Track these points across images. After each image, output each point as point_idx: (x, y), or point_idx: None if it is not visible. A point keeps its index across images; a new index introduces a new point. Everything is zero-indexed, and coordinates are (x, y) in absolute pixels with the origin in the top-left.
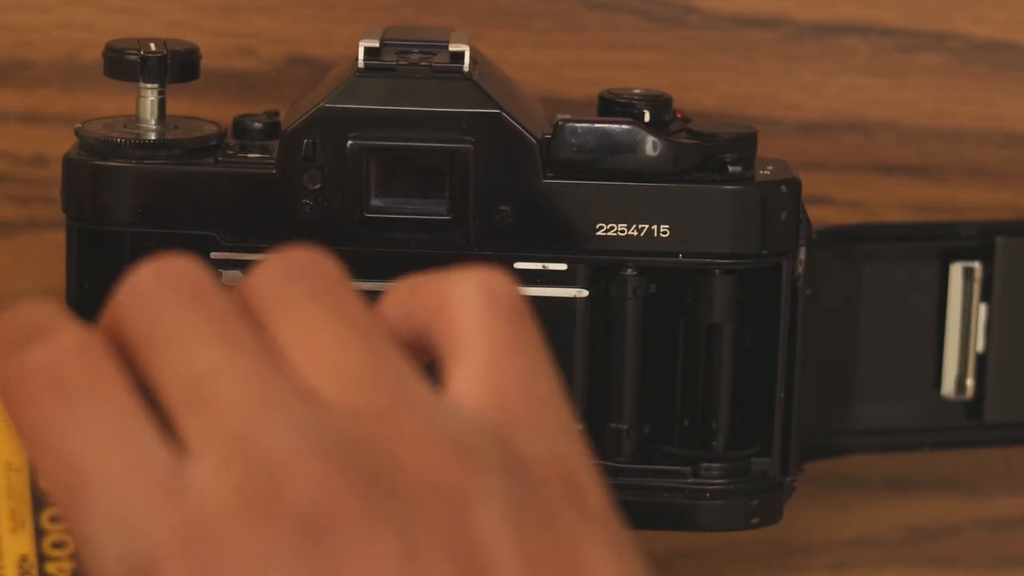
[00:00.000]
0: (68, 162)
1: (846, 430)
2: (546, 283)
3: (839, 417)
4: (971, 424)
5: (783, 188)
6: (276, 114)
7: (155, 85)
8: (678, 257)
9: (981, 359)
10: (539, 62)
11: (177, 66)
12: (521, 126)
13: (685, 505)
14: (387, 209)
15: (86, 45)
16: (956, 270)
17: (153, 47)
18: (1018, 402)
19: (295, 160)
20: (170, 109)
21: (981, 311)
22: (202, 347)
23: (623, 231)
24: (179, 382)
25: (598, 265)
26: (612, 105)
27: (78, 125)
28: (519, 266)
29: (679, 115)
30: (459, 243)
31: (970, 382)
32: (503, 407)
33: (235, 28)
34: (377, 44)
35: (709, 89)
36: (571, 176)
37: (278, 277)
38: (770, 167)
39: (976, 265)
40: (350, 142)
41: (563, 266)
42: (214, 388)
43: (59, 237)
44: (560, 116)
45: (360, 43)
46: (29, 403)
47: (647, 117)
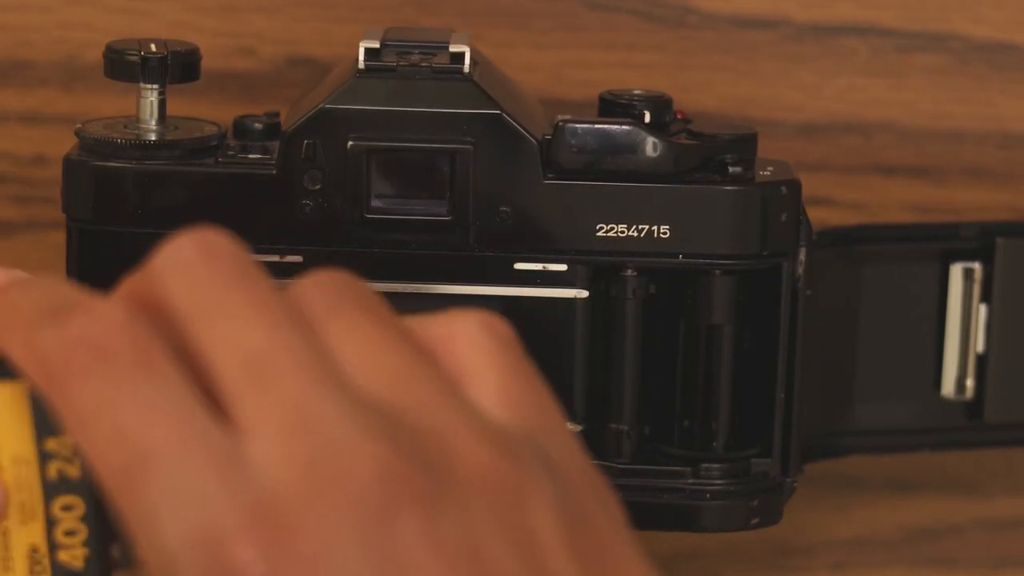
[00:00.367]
0: (68, 163)
1: (846, 431)
2: (546, 284)
3: (839, 418)
4: (971, 425)
5: (783, 189)
6: (276, 115)
7: (155, 86)
8: (678, 258)
9: (981, 360)
10: (539, 62)
11: (177, 67)
12: (521, 127)
13: (685, 506)
14: (387, 210)
15: (86, 45)
16: (956, 271)
17: (153, 48)
18: (1018, 403)
19: (295, 161)
20: (170, 109)
21: (981, 312)
22: (255, 325)
23: (623, 232)
24: (234, 358)
25: (598, 266)
26: (612, 106)
27: (78, 125)
28: (519, 267)
29: (679, 116)
30: (459, 244)
31: (970, 383)
32: (523, 421)
33: (235, 28)
34: (377, 45)
35: (709, 90)
36: (571, 177)
37: (328, 285)
38: (770, 168)
39: (976, 266)
40: (350, 143)
41: (563, 267)
42: (273, 365)
43: (59, 237)
44: (560, 117)
45: (360, 44)
46: (74, 378)
47: (647, 118)
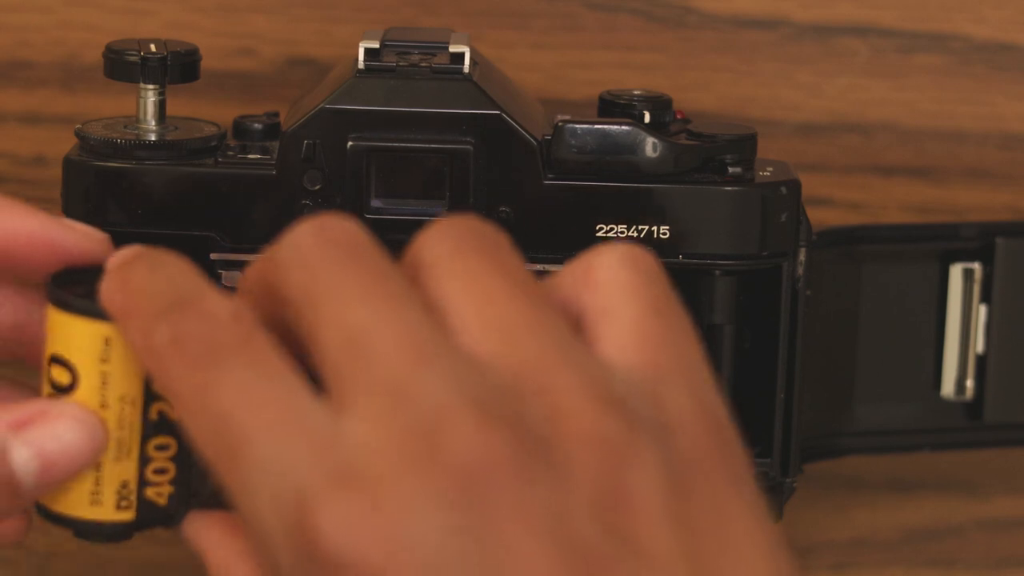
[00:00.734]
0: (68, 163)
1: (846, 431)
2: None
3: (839, 418)
4: (971, 425)
5: (783, 189)
6: (276, 115)
7: (155, 86)
8: (678, 258)
9: (981, 360)
10: (539, 62)
11: (177, 67)
12: (521, 127)
13: None
14: (387, 210)
15: (86, 45)
16: (956, 271)
17: (153, 48)
18: (1018, 403)
19: (295, 161)
20: (170, 110)
21: (981, 312)
22: (360, 302)
23: (623, 232)
24: (337, 337)
25: None
26: (612, 106)
27: (78, 126)
28: None
29: (679, 116)
30: None
31: (970, 383)
32: (653, 364)
33: (235, 28)
34: (377, 45)
35: (709, 90)
36: (571, 177)
37: (449, 234)
38: (770, 168)
39: (976, 266)
40: (350, 143)
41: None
42: (372, 342)
43: None
44: (560, 117)
45: (360, 44)
46: (181, 369)
47: (647, 118)
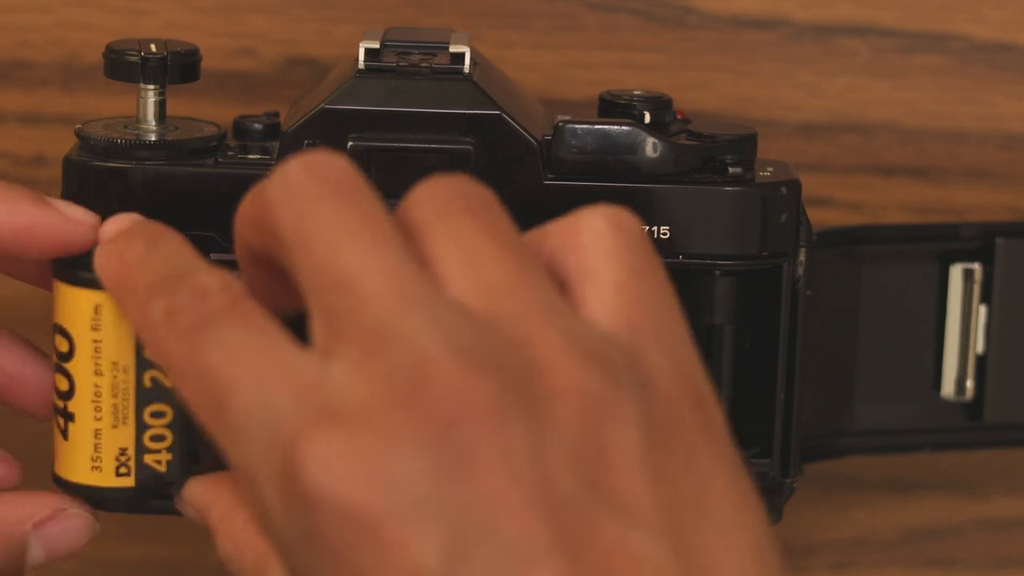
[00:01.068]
0: (68, 163)
1: (846, 431)
2: None
3: (839, 418)
4: (971, 425)
5: (783, 189)
6: (276, 115)
7: (155, 86)
8: (678, 258)
9: (981, 360)
10: (539, 62)
11: (177, 67)
12: (521, 127)
13: None
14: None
15: (86, 45)
16: (956, 271)
17: (153, 48)
18: (1018, 403)
19: None
20: (170, 110)
21: (981, 312)
22: (348, 245)
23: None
24: (325, 279)
25: None
26: (612, 106)
27: (78, 126)
28: None
29: (679, 116)
30: None
31: (970, 383)
32: (632, 325)
33: (235, 28)
34: (377, 45)
35: (709, 90)
36: (571, 177)
37: (440, 193)
38: (770, 168)
39: (976, 267)
40: (350, 143)
41: None
42: (359, 286)
43: None
44: (560, 117)
45: (360, 44)
46: (174, 341)
47: (647, 118)
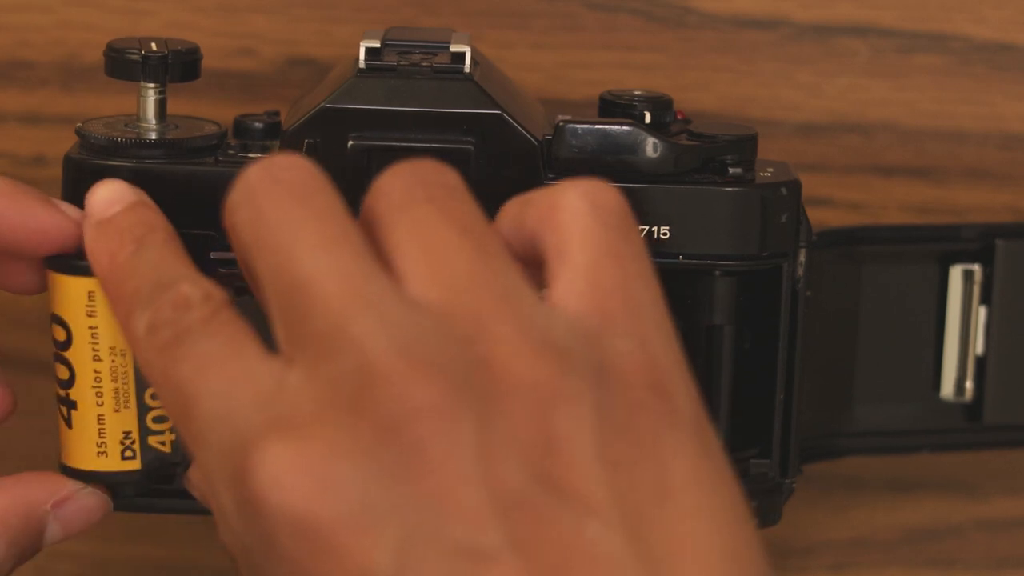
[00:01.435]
0: (68, 161)
1: (845, 432)
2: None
3: (839, 419)
4: (970, 426)
5: (783, 190)
6: (277, 114)
7: (156, 84)
8: (678, 259)
9: (980, 362)
10: (539, 63)
11: (178, 66)
12: (522, 127)
13: None
14: None
15: (86, 45)
16: (956, 272)
17: (154, 47)
18: (1018, 404)
19: None
20: (170, 109)
21: (981, 314)
22: (304, 249)
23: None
24: (281, 284)
25: None
26: (613, 106)
27: (79, 124)
28: None
29: (679, 116)
30: None
31: (969, 384)
32: (600, 310)
33: (235, 28)
34: (378, 44)
35: (709, 90)
36: (572, 176)
37: (403, 182)
38: (771, 169)
39: (976, 268)
40: (351, 142)
41: None
42: (313, 290)
43: None
44: (561, 117)
45: (361, 43)
46: (154, 355)
47: (648, 118)
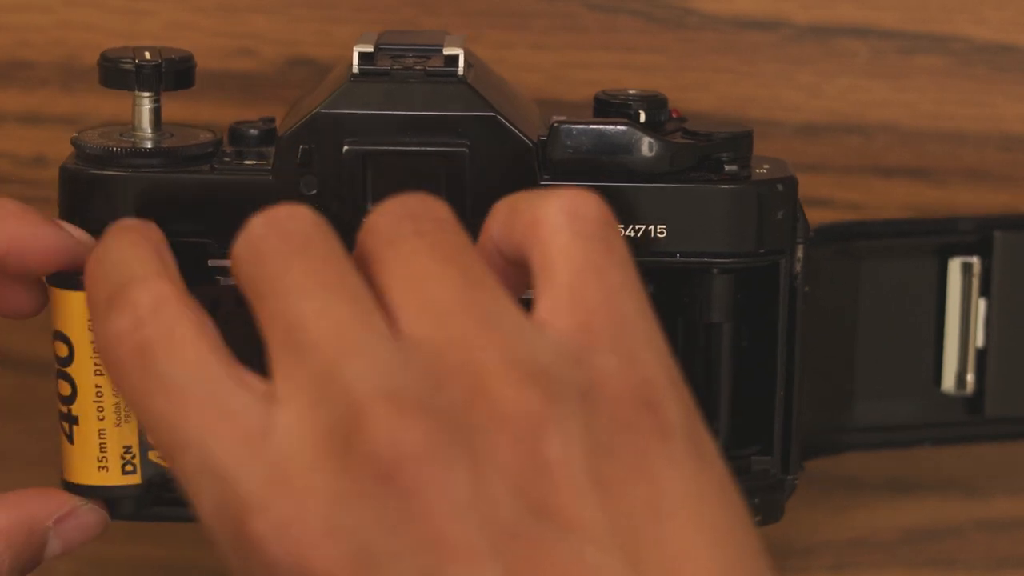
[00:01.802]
0: (64, 172)
1: (847, 427)
2: None
3: (840, 414)
4: (972, 419)
5: (779, 186)
6: (272, 120)
7: (150, 93)
8: (675, 257)
9: (981, 354)
10: (539, 63)
11: (172, 74)
12: (517, 129)
13: None
14: None
15: (86, 46)
16: (955, 265)
17: (148, 55)
18: (1019, 397)
19: (291, 166)
20: (169, 111)
21: (980, 306)
22: (300, 296)
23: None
24: (277, 330)
25: None
26: (607, 106)
27: (74, 135)
28: None
29: (675, 115)
30: None
31: (970, 377)
32: (585, 329)
33: (235, 29)
34: (372, 49)
35: (709, 91)
36: (567, 178)
37: (392, 218)
38: (767, 166)
39: (974, 260)
40: (346, 147)
41: None
42: (305, 335)
43: None
44: (556, 118)
45: (354, 48)
46: (119, 371)
47: (642, 117)
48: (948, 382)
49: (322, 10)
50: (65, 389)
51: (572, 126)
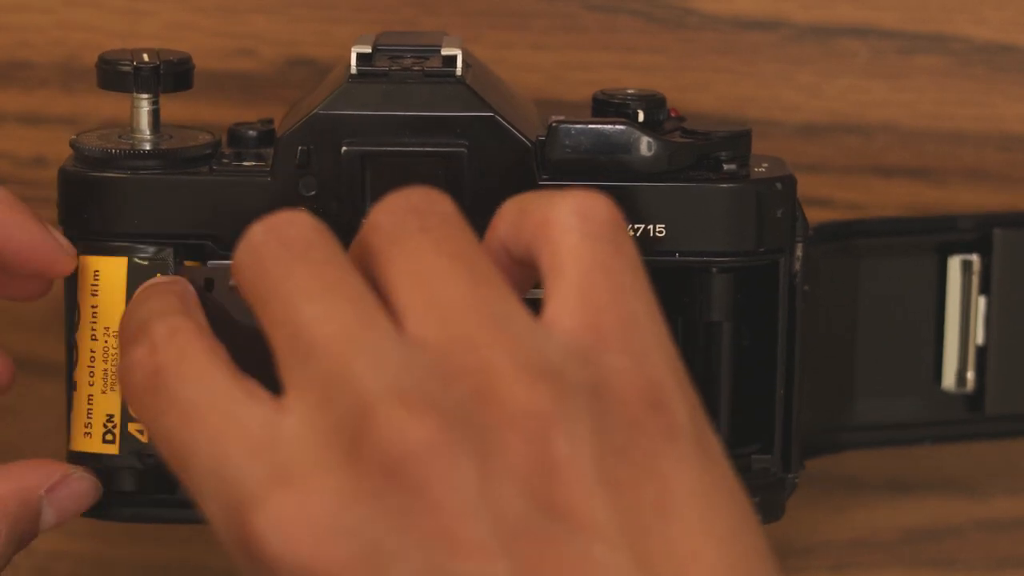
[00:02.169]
0: (63, 174)
1: (847, 426)
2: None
3: (840, 413)
4: (972, 417)
5: (778, 185)
6: (271, 122)
7: (149, 95)
8: (675, 256)
9: (981, 352)
10: (538, 63)
11: (170, 76)
12: (515, 129)
13: None
14: None
15: (86, 46)
16: (954, 263)
17: (146, 57)
18: (1019, 394)
19: (290, 167)
20: (169, 111)
21: (980, 304)
22: (303, 300)
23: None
24: (283, 335)
25: None
26: (606, 106)
27: (73, 137)
28: None
29: (673, 114)
30: None
31: (970, 375)
32: (594, 329)
33: (235, 29)
34: (370, 49)
35: (709, 91)
36: (566, 178)
37: (395, 214)
38: (765, 164)
39: (974, 258)
40: (344, 148)
41: None
42: (310, 338)
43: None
44: (554, 118)
45: (352, 49)
46: (134, 396)
47: (641, 117)
48: (948, 380)
49: (322, 10)
50: (73, 356)
51: (571, 126)
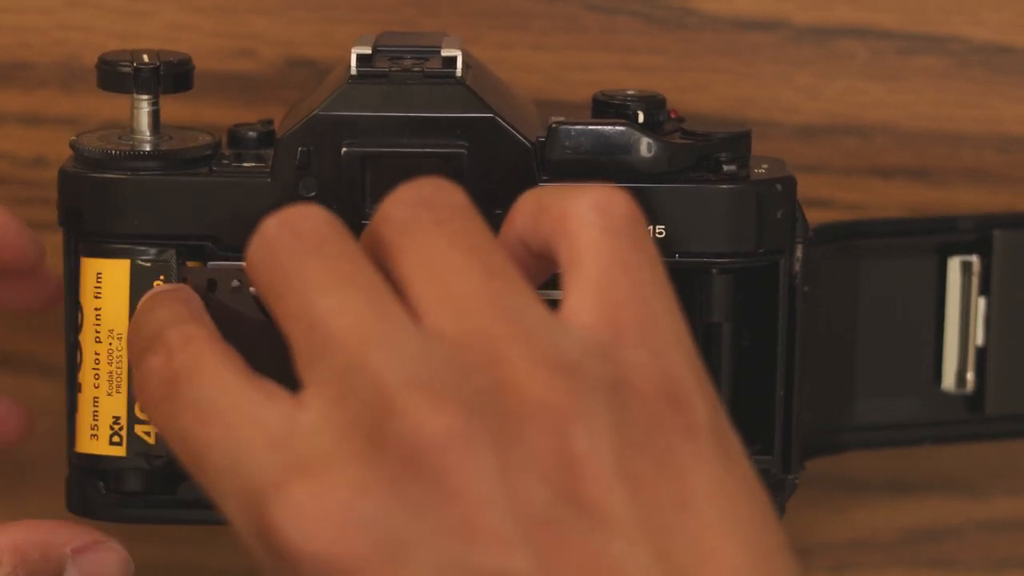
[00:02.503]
0: (63, 175)
1: (847, 426)
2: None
3: (840, 414)
4: (972, 418)
5: (778, 186)
6: (271, 122)
7: (149, 96)
8: (674, 257)
9: (981, 352)
10: (538, 64)
11: (170, 77)
12: (515, 130)
13: None
14: None
15: (86, 47)
16: (954, 264)
17: (146, 58)
18: (1019, 395)
19: (290, 169)
20: (169, 112)
21: (980, 304)
22: (319, 293)
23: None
24: (299, 328)
25: None
26: (606, 106)
27: (73, 138)
28: None
29: (673, 115)
30: None
31: (970, 376)
32: (613, 324)
33: (235, 29)
34: (369, 50)
35: (708, 91)
36: (566, 178)
37: (407, 206)
38: (765, 165)
39: (974, 259)
40: (344, 149)
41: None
42: (327, 331)
43: (58, 239)
44: (554, 119)
45: (352, 50)
46: (151, 404)
47: (641, 118)
48: (948, 380)
49: (322, 11)
50: (76, 358)
51: (571, 127)
